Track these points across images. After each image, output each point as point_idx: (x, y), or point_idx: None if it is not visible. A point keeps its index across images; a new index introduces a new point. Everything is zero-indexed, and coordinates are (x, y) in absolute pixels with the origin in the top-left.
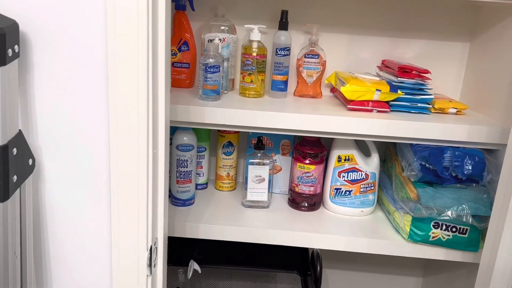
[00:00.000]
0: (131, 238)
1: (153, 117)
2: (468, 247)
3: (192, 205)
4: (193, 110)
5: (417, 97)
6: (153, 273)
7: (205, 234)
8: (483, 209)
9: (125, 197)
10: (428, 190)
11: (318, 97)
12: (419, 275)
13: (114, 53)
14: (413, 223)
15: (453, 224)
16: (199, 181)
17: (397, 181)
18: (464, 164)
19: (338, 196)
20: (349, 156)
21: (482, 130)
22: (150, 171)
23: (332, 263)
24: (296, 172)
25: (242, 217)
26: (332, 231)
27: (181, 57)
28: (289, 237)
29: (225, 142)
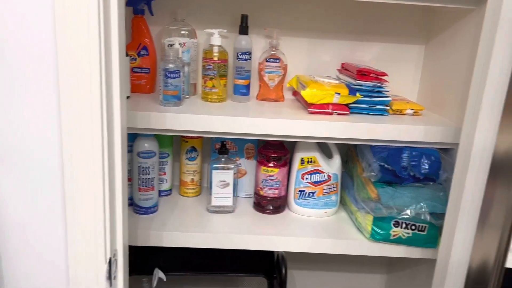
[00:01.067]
0: (88, 251)
1: (108, 125)
2: (427, 244)
3: (155, 213)
4: (154, 116)
5: (375, 99)
6: (113, 285)
7: (170, 242)
8: (440, 206)
9: (81, 209)
10: (388, 190)
11: (280, 101)
12: (383, 272)
13: (64, 60)
14: (375, 222)
15: (412, 222)
16: (163, 187)
17: (358, 181)
18: (421, 163)
19: (302, 198)
20: (312, 158)
21: (437, 130)
22: (106, 181)
23: (298, 264)
24: (261, 175)
25: (207, 223)
26: (297, 233)
27: (140, 62)
28: (254, 241)
29: (189, 147)
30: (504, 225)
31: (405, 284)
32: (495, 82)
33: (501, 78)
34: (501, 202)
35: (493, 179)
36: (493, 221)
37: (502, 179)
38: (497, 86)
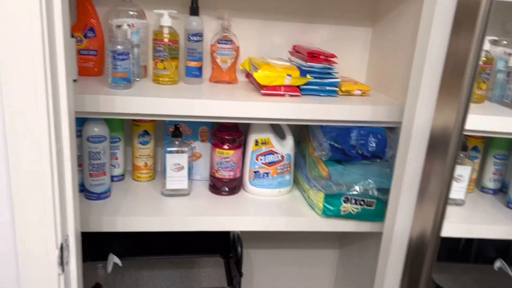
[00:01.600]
0: (38, 238)
1: (54, 109)
2: (375, 218)
3: (108, 198)
4: (103, 99)
5: (325, 80)
6: (65, 271)
7: (124, 227)
8: (386, 182)
9: (29, 196)
10: (338, 168)
11: (233, 83)
12: (336, 247)
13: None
14: (326, 199)
15: (361, 198)
16: (115, 172)
17: (310, 161)
18: (369, 142)
19: (257, 179)
20: (266, 139)
21: (383, 110)
22: (55, 167)
23: (254, 242)
24: (216, 158)
25: (162, 206)
26: (252, 213)
27: (87, 44)
28: (210, 222)
29: (141, 131)
30: (440, 197)
31: (356, 257)
32: (433, 65)
33: (437, 60)
34: (437, 176)
35: (430, 155)
36: (430, 194)
37: (438, 154)
38: (434, 68)
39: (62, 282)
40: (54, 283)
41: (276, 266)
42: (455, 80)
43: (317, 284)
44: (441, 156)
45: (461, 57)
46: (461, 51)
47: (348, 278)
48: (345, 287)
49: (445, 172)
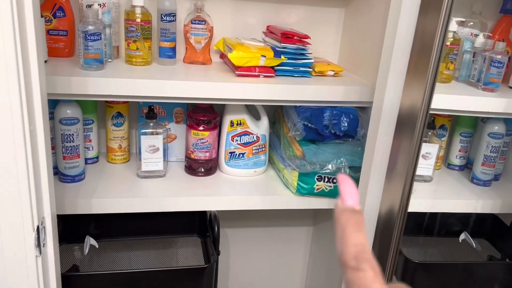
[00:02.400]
0: (14, 220)
1: (26, 91)
2: None
3: (82, 181)
4: (75, 81)
5: (299, 61)
6: (43, 253)
7: (99, 209)
8: (358, 160)
9: (3, 179)
10: (312, 147)
11: (208, 64)
12: (310, 224)
13: None
14: (300, 178)
15: (333, 176)
16: (89, 155)
17: (285, 141)
18: (341, 121)
19: (232, 159)
20: (241, 120)
21: (355, 90)
22: (29, 150)
23: (230, 222)
24: (191, 139)
25: (138, 188)
26: (228, 192)
27: (57, 24)
28: (187, 202)
29: (114, 113)
30: (407, 174)
31: (329, 233)
32: (401, 45)
33: (406, 41)
34: (405, 154)
35: (398, 133)
36: (398, 171)
37: (406, 133)
38: (403, 48)
39: (39, 264)
40: (32, 265)
41: (252, 244)
42: (422, 60)
43: (292, 260)
44: (408, 135)
45: (428, 37)
46: (428, 31)
47: (322, 254)
48: (319, 263)
49: (412, 149)
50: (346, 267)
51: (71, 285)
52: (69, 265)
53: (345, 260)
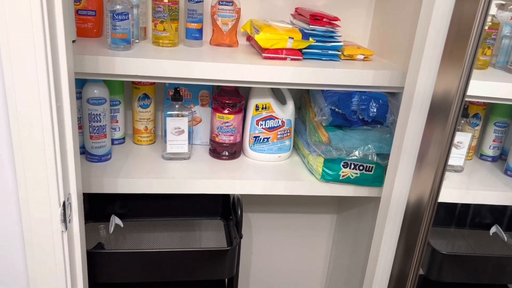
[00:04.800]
0: (41, 196)
1: (53, 69)
2: (373, 183)
3: (109, 161)
4: (102, 60)
5: (327, 44)
6: (68, 228)
7: (125, 188)
8: (386, 147)
9: (31, 154)
10: (338, 133)
11: (234, 46)
12: (334, 212)
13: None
14: (325, 164)
15: (360, 163)
16: (116, 136)
17: (310, 126)
18: (370, 107)
19: (257, 144)
20: (266, 104)
21: (385, 75)
22: (56, 126)
23: (254, 207)
24: (216, 122)
25: (163, 169)
26: (252, 176)
27: (85, 3)
28: (210, 185)
29: (141, 94)
30: (438, 163)
31: (353, 222)
32: (437, 29)
33: (442, 25)
34: (437, 142)
35: (431, 121)
36: (429, 160)
37: (438, 120)
38: (438, 32)
39: (65, 239)
40: (58, 241)
41: (274, 229)
42: (459, 45)
43: (314, 247)
44: (441, 122)
45: (466, 21)
46: (466, 15)
47: (345, 242)
48: (342, 251)
49: (445, 138)
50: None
51: (96, 262)
52: (94, 243)
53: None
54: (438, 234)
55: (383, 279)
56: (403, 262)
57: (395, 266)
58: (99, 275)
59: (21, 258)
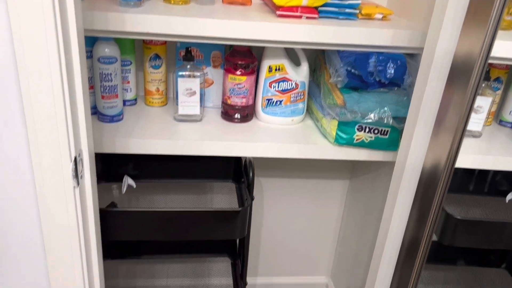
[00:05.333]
0: (53, 151)
1: (62, 23)
2: (388, 147)
3: (120, 121)
4: (112, 17)
5: (344, 2)
6: (80, 184)
7: (137, 149)
8: (402, 110)
9: (41, 107)
10: (353, 95)
11: (247, 4)
12: (346, 177)
13: None
14: (339, 127)
15: (375, 127)
16: (127, 97)
17: (325, 88)
18: (387, 68)
19: (269, 107)
20: (280, 66)
21: (405, 34)
22: (65, 81)
23: (266, 171)
24: (228, 84)
25: (175, 130)
26: (264, 139)
27: None
28: (222, 147)
29: (152, 54)
30: (457, 128)
31: (366, 188)
32: None
33: None
34: (456, 105)
35: (451, 83)
36: (447, 124)
37: (459, 83)
38: None
39: (77, 195)
40: (70, 196)
41: (286, 194)
42: (484, 3)
43: (326, 213)
44: (462, 85)
45: None
46: None
47: (357, 208)
48: (354, 217)
49: (465, 102)
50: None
51: (109, 220)
52: (107, 203)
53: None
54: (453, 200)
55: (394, 245)
56: (416, 228)
57: (407, 232)
58: (112, 233)
59: (35, 215)
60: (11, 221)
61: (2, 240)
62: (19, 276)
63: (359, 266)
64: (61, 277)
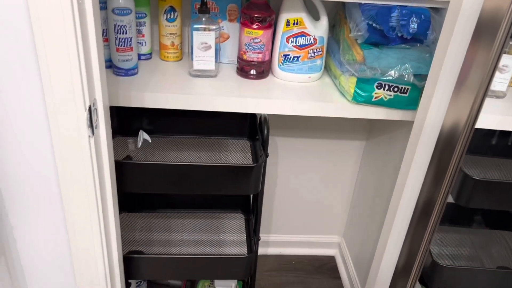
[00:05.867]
0: (67, 99)
1: None
2: (408, 106)
3: (135, 75)
4: None
5: None
6: (95, 134)
7: (152, 103)
8: (424, 68)
9: (55, 55)
10: (374, 51)
11: None
12: (363, 138)
13: None
14: (358, 84)
15: (395, 84)
16: (142, 51)
17: (344, 44)
18: (410, 22)
19: (286, 63)
20: (298, 19)
21: None
22: (78, 26)
23: (280, 131)
24: (244, 38)
25: (190, 85)
26: (280, 96)
27: None
28: (237, 103)
29: (167, 7)
30: (479, 87)
31: (383, 149)
32: None
33: None
34: (480, 64)
35: (475, 40)
36: (470, 83)
37: (484, 40)
38: None
39: (92, 145)
40: (85, 146)
41: (301, 154)
42: None
43: (340, 173)
44: (487, 42)
45: None
46: None
47: (372, 169)
48: (368, 178)
49: (490, 60)
50: None
51: (124, 172)
52: (123, 157)
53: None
54: (471, 162)
55: (409, 205)
56: (431, 189)
57: (422, 193)
58: (128, 185)
59: (52, 165)
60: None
61: (21, 188)
62: (37, 226)
63: (372, 227)
64: (78, 226)
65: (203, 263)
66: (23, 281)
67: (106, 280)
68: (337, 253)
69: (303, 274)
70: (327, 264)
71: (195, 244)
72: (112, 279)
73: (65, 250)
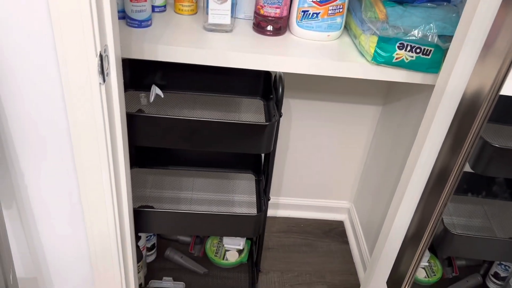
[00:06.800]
0: (77, 43)
1: None
2: (429, 69)
3: (149, 27)
4: None
5: None
6: (106, 82)
7: (165, 56)
8: (450, 28)
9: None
10: (397, 9)
11: None
12: (379, 103)
13: None
14: (378, 44)
15: (417, 45)
16: (156, 2)
17: (367, 1)
18: None
19: (305, 19)
20: None
21: None
22: None
23: (295, 92)
24: None
25: (204, 40)
26: (296, 54)
27: None
28: (252, 60)
29: None
30: (507, 52)
31: (399, 114)
32: None
33: None
34: (510, 28)
35: (506, 2)
36: (497, 47)
37: None
38: None
39: (103, 92)
40: (96, 93)
41: (315, 117)
42: None
43: (354, 139)
44: None
45: None
46: None
47: (387, 135)
48: (383, 144)
49: None
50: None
51: (135, 125)
52: (134, 110)
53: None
54: (491, 130)
55: (424, 172)
56: (448, 157)
57: (438, 161)
58: (138, 139)
59: (63, 113)
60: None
61: (31, 136)
62: (47, 175)
63: (383, 194)
64: (88, 176)
65: (213, 220)
66: (34, 229)
67: (116, 231)
68: (346, 219)
69: (311, 236)
70: (335, 228)
71: (205, 202)
72: (122, 231)
73: (75, 200)
